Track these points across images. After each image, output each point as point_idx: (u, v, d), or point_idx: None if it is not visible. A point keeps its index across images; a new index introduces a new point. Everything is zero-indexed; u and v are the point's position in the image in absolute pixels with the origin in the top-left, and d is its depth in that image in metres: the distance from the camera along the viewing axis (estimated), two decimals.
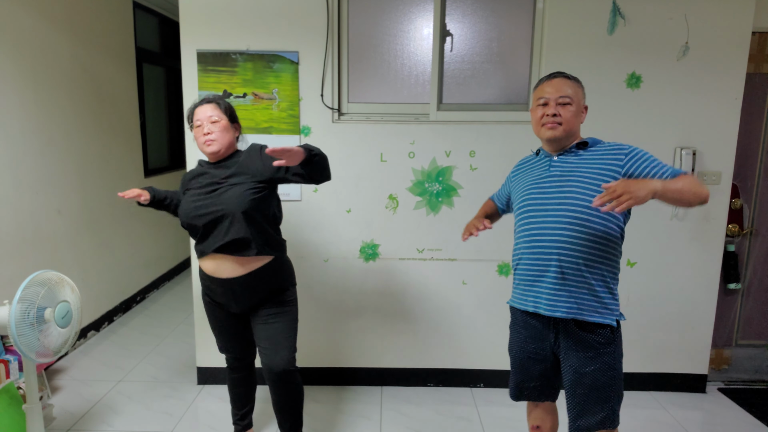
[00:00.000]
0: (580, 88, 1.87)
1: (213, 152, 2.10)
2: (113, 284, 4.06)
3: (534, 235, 1.82)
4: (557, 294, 1.79)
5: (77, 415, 2.79)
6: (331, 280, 3.03)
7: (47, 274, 2.11)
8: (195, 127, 2.13)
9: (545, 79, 1.89)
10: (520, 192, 1.92)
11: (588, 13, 2.79)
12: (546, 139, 1.87)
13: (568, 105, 1.82)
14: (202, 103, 2.15)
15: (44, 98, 3.25)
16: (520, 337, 1.96)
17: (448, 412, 2.89)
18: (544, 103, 1.85)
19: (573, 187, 1.78)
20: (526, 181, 1.92)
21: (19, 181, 3.04)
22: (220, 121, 2.10)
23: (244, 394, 2.49)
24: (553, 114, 1.81)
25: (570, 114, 1.82)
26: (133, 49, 4.36)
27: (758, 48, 2.95)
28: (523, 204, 1.88)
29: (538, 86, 1.91)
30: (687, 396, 3.10)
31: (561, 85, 1.84)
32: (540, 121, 1.86)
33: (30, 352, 2.02)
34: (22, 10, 3.06)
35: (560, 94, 1.82)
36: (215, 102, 2.14)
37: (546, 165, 1.89)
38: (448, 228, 2.97)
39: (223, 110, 2.12)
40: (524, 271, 1.87)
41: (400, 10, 2.90)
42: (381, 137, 2.90)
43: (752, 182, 3.10)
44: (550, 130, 1.83)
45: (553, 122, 1.82)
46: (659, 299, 3.01)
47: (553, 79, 1.87)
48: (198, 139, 2.12)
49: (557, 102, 1.82)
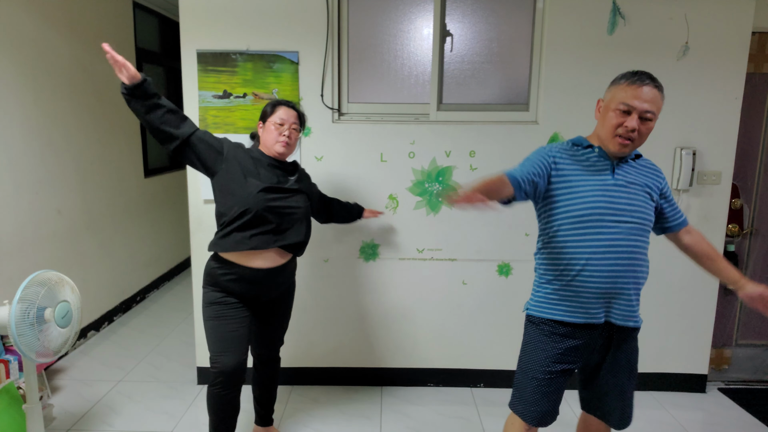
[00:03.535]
0: (663, 98, 1.70)
1: (281, 153, 2.19)
2: (113, 284, 4.06)
3: (608, 245, 1.68)
4: (632, 304, 1.75)
5: (77, 415, 2.79)
6: (331, 280, 3.03)
7: (47, 274, 2.11)
8: (275, 123, 2.17)
9: (636, 81, 1.65)
10: (581, 193, 1.71)
11: (588, 13, 2.79)
12: (612, 152, 1.72)
13: (649, 121, 1.66)
14: (289, 106, 2.22)
15: (44, 98, 3.25)
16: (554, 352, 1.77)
17: (448, 412, 2.89)
18: (627, 110, 1.65)
19: (638, 198, 1.72)
20: (587, 182, 1.72)
21: (19, 181, 3.04)
22: (298, 131, 2.25)
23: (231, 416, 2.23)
24: (632, 129, 1.64)
25: (647, 131, 1.67)
26: (133, 49, 4.36)
27: (758, 48, 2.95)
28: (590, 209, 1.69)
29: (623, 84, 1.68)
30: (687, 396, 3.10)
31: (652, 96, 1.64)
32: (614, 130, 1.67)
33: (30, 352, 2.02)
34: (22, 10, 3.06)
35: (647, 108, 1.64)
36: (299, 113, 2.26)
37: (608, 169, 1.73)
38: (448, 228, 2.97)
39: (300, 124, 2.27)
40: (592, 282, 1.70)
41: (400, 10, 2.91)
42: (381, 137, 2.90)
43: (752, 182, 3.10)
44: (621, 146, 1.67)
45: (628, 138, 1.65)
46: (659, 299, 3.01)
47: (644, 86, 1.64)
48: (271, 134, 2.17)
49: (641, 115, 1.64)
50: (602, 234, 1.68)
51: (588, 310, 1.72)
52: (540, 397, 1.80)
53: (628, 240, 1.69)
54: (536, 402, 1.80)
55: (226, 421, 2.19)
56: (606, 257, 1.68)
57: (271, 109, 2.20)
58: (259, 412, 2.54)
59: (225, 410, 2.17)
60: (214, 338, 2.14)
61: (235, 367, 2.11)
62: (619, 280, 1.70)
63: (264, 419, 2.56)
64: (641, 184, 1.75)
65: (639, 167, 1.78)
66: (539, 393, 1.80)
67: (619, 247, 1.68)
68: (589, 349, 1.79)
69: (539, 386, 1.79)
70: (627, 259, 1.69)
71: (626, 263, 1.70)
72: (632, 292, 1.74)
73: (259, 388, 2.50)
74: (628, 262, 1.70)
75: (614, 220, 1.68)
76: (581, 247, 1.70)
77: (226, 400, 2.15)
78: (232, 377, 2.12)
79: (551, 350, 1.77)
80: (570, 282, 1.72)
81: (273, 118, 2.18)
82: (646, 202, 1.74)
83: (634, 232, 1.70)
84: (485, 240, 2.96)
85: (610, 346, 1.80)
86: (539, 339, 1.80)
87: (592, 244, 1.68)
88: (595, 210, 1.68)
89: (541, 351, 1.79)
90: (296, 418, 2.81)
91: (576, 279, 1.71)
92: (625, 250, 1.69)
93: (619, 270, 1.69)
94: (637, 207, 1.71)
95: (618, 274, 1.70)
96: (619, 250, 1.68)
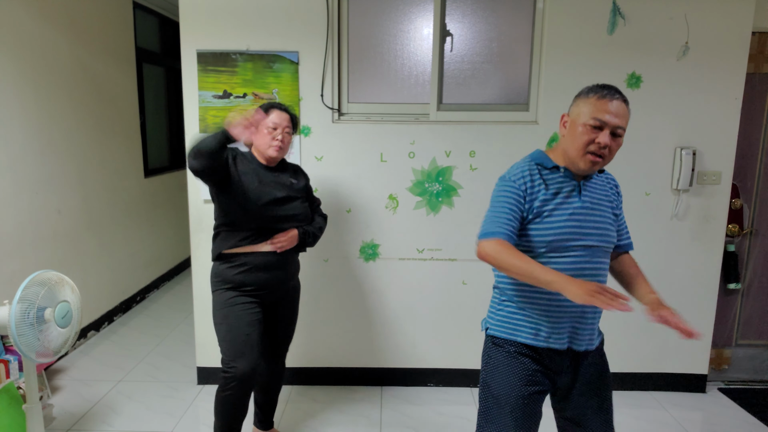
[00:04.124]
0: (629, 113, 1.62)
1: (274, 157, 2.20)
2: (113, 284, 4.06)
3: (573, 269, 1.59)
4: (594, 328, 1.67)
5: (77, 415, 2.79)
6: (331, 280, 3.03)
7: (47, 274, 2.11)
8: (268, 127, 2.17)
9: (606, 96, 1.56)
10: (550, 220, 1.61)
11: (588, 13, 2.79)
12: (582, 169, 1.61)
13: (619, 137, 1.57)
14: (282, 109, 2.22)
15: (44, 98, 3.25)
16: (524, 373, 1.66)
17: (448, 412, 2.89)
18: (598, 125, 1.55)
19: (604, 219, 1.65)
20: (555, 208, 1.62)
21: (19, 181, 3.04)
22: (291, 134, 2.24)
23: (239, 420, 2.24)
24: (605, 146, 1.55)
25: (617, 147, 1.58)
26: (133, 49, 4.36)
27: (758, 48, 2.95)
28: (557, 235, 1.60)
29: (592, 98, 1.58)
30: (687, 396, 3.10)
31: (623, 111, 1.56)
32: (585, 147, 1.56)
33: (30, 352, 2.02)
34: (22, 10, 3.06)
35: (619, 123, 1.55)
36: (291, 116, 2.25)
37: (575, 190, 1.64)
38: (448, 228, 2.97)
39: (293, 126, 2.26)
40: (559, 306, 1.61)
41: (400, 10, 2.90)
42: (381, 137, 2.90)
43: (752, 182, 3.10)
44: (592, 164, 1.57)
45: (600, 155, 1.56)
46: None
47: (615, 100, 1.55)
48: (264, 137, 2.17)
49: (612, 131, 1.55)
50: (568, 258, 1.60)
51: (551, 335, 1.62)
52: (520, 423, 1.66)
53: (592, 263, 1.62)
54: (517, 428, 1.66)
55: (234, 424, 2.19)
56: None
57: (265, 113, 2.20)
58: (260, 415, 2.54)
59: (234, 414, 2.17)
60: (228, 343, 2.13)
61: (250, 373, 2.10)
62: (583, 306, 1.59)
63: (264, 423, 2.55)
64: (606, 202, 1.68)
65: (602, 181, 1.72)
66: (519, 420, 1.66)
67: (585, 271, 1.60)
68: (557, 371, 1.68)
69: (515, 412, 1.65)
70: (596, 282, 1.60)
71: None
72: (596, 316, 1.67)
73: (261, 394, 2.50)
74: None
75: (580, 245, 1.60)
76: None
77: (237, 404, 2.14)
78: (245, 383, 2.11)
79: (521, 372, 1.65)
80: (532, 304, 1.63)
81: (266, 122, 2.17)
82: (610, 223, 1.67)
83: (598, 255, 1.63)
84: None
85: (579, 366, 1.69)
86: (507, 361, 1.67)
87: (558, 268, 1.57)
88: (562, 236, 1.59)
89: (511, 374, 1.66)
90: (296, 418, 2.81)
91: (540, 302, 1.62)
92: (590, 274, 1.61)
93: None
94: (603, 229, 1.64)
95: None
96: (584, 275, 1.59)
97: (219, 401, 2.15)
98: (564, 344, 1.64)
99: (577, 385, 1.71)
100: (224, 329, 2.15)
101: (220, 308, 2.17)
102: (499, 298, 1.74)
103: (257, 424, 2.56)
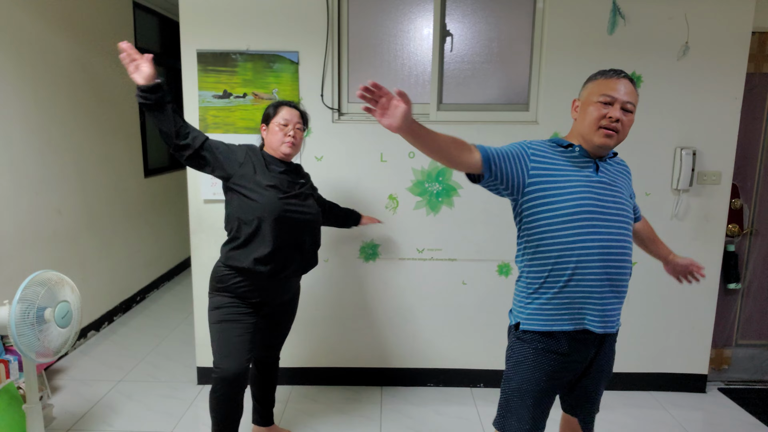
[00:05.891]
0: (637, 96, 1.68)
1: (287, 154, 2.19)
2: (113, 284, 4.06)
3: (602, 246, 1.59)
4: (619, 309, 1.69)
5: (77, 415, 2.79)
6: (331, 280, 3.03)
7: (47, 274, 2.11)
8: (279, 124, 2.16)
9: (613, 76, 1.63)
10: (568, 188, 1.61)
11: (588, 13, 2.79)
12: (597, 145, 1.63)
13: (630, 113, 1.62)
14: (291, 106, 2.22)
15: (44, 98, 3.25)
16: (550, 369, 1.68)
17: (448, 412, 2.89)
18: (608, 101, 1.60)
19: (622, 197, 1.67)
20: (573, 176, 1.63)
21: (19, 181, 3.04)
22: (302, 130, 2.24)
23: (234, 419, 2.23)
24: (616, 119, 1.59)
25: (629, 123, 1.63)
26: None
27: (758, 48, 2.95)
28: (580, 207, 1.59)
29: (600, 79, 1.65)
30: (687, 396, 3.10)
31: (630, 89, 1.62)
32: (597, 121, 1.61)
33: (30, 352, 2.02)
34: (22, 10, 3.06)
35: (629, 98, 1.61)
36: (302, 112, 2.25)
37: (590, 167, 1.66)
38: (448, 228, 2.97)
39: (304, 123, 2.26)
40: (587, 285, 1.61)
41: (400, 10, 2.90)
42: (381, 137, 2.90)
43: (752, 182, 3.10)
44: (606, 138, 1.61)
45: (613, 129, 1.60)
46: (659, 299, 3.01)
47: (621, 79, 1.62)
48: (275, 135, 2.16)
49: (623, 106, 1.61)
50: (596, 234, 1.59)
51: (585, 316, 1.63)
52: (538, 414, 1.72)
53: (620, 241, 1.62)
54: (535, 419, 1.72)
55: (229, 424, 2.18)
56: (600, 260, 1.59)
57: (274, 111, 2.20)
58: (260, 411, 2.54)
59: (228, 413, 2.16)
60: (218, 343, 2.13)
61: (237, 374, 2.09)
62: (614, 281, 1.63)
63: (264, 418, 2.56)
64: (621, 183, 1.71)
65: (617, 166, 1.75)
66: (538, 411, 1.72)
67: (612, 248, 1.61)
68: (583, 360, 1.72)
69: (536, 404, 1.71)
70: (622, 260, 1.63)
71: (621, 266, 1.63)
72: (622, 297, 1.69)
73: (259, 389, 2.51)
74: (623, 263, 1.64)
75: (605, 219, 1.60)
76: (573, 249, 1.59)
77: (229, 404, 2.13)
78: (234, 383, 2.10)
79: (548, 367, 1.67)
80: (562, 288, 1.62)
81: (276, 119, 2.17)
82: (628, 202, 1.70)
83: (624, 233, 1.63)
84: (485, 240, 2.96)
85: (597, 354, 1.74)
86: (534, 357, 1.68)
87: (585, 245, 1.58)
88: (584, 207, 1.59)
89: (537, 370, 1.68)
90: (296, 418, 2.81)
91: (568, 284, 1.61)
92: (619, 251, 1.62)
93: (614, 272, 1.62)
94: (622, 206, 1.66)
95: (612, 276, 1.62)
96: (612, 251, 1.60)
97: (211, 401, 2.15)
98: (598, 327, 1.65)
99: (591, 371, 1.76)
100: (215, 329, 2.15)
101: (214, 309, 2.17)
102: (526, 291, 1.72)
103: (257, 420, 2.56)
